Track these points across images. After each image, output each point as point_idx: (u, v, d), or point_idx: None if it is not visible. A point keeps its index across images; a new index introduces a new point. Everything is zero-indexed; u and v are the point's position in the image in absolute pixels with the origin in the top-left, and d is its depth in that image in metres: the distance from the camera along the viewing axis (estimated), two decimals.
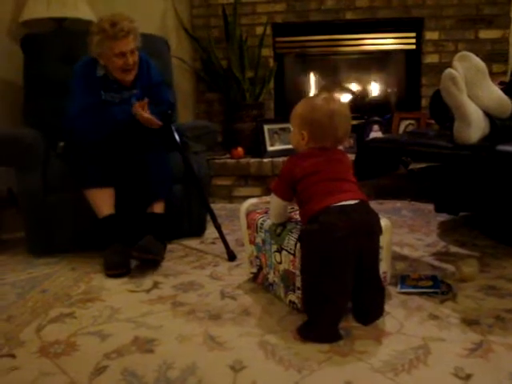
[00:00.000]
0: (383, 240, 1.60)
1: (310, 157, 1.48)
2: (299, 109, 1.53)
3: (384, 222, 1.61)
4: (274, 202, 1.58)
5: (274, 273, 1.64)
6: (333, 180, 1.45)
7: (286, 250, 1.54)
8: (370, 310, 1.47)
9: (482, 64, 1.85)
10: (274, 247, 1.61)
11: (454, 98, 1.76)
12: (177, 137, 2.26)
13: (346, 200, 1.40)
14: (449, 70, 1.76)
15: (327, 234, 1.36)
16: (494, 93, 1.84)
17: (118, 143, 2.16)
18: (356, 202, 1.42)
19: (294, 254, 1.50)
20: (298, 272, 1.49)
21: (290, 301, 1.56)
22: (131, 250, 1.97)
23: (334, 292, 1.37)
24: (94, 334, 1.46)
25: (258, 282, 1.78)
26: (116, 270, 1.94)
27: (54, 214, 2.17)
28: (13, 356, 1.35)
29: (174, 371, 1.25)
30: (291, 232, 1.54)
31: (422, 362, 1.25)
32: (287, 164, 1.53)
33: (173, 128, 2.26)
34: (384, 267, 1.65)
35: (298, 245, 1.48)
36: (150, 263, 1.99)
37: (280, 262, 1.59)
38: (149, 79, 2.30)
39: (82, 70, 2.23)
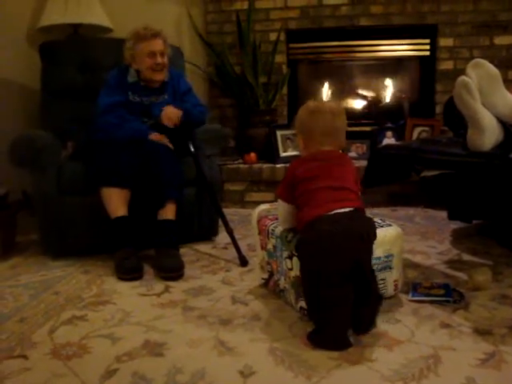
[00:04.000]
0: (394, 248, 1.60)
1: (310, 160, 1.51)
2: (296, 117, 1.60)
3: (395, 231, 1.61)
4: (281, 206, 1.59)
5: (285, 279, 1.64)
6: (330, 188, 1.44)
7: (297, 256, 1.53)
8: (365, 318, 1.45)
9: (495, 71, 1.84)
10: (285, 253, 1.61)
11: (468, 105, 1.75)
12: (191, 147, 2.32)
13: (339, 208, 1.40)
14: (462, 78, 1.76)
15: (323, 241, 1.36)
16: (508, 100, 1.82)
17: (136, 145, 2.21)
18: (349, 209, 1.41)
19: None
20: None
21: (301, 307, 1.56)
22: (158, 272, 2.00)
23: (334, 300, 1.36)
24: (106, 337, 1.47)
25: (269, 287, 1.78)
26: (129, 274, 1.96)
27: (68, 215, 2.20)
28: (25, 357, 1.37)
29: (184, 375, 1.25)
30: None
31: (432, 372, 1.24)
32: (289, 168, 1.57)
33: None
34: (395, 275, 1.65)
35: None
36: (178, 278, 1.97)
37: (291, 269, 1.58)
38: (178, 88, 2.47)
39: (112, 76, 2.39)
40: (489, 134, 1.75)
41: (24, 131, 2.38)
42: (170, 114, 2.29)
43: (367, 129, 3.51)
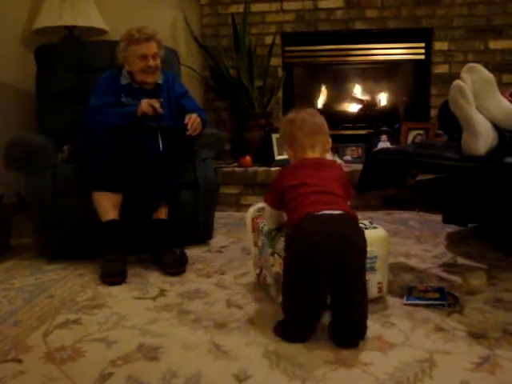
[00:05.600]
0: (378, 250, 1.62)
1: (298, 168, 1.55)
2: (279, 132, 1.67)
3: (380, 233, 1.64)
4: (267, 211, 1.66)
5: (270, 275, 1.70)
6: (317, 193, 1.47)
7: (277, 254, 1.60)
8: (347, 330, 1.40)
9: (490, 76, 1.84)
10: (269, 251, 1.67)
11: (462, 109, 1.76)
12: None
13: (325, 210, 1.42)
14: (457, 82, 1.76)
15: (304, 240, 1.38)
16: (502, 105, 1.83)
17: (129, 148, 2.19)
18: (338, 212, 1.42)
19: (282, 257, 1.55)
20: None
21: (281, 302, 1.58)
22: (162, 269, 2.04)
23: (305, 296, 1.39)
24: (100, 341, 1.46)
25: (260, 282, 1.84)
26: (111, 277, 1.95)
27: (62, 217, 2.19)
28: (19, 361, 1.36)
29: (179, 379, 1.25)
30: (282, 236, 1.60)
31: (427, 376, 1.24)
32: (277, 176, 1.61)
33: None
34: (379, 277, 1.67)
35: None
36: (182, 272, 2.01)
37: (273, 265, 1.65)
38: (173, 90, 2.46)
39: (105, 78, 2.37)
40: (483, 139, 1.76)
41: (19, 134, 2.37)
42: (197, 124, 2.29)
43: (362, 132, 3.52)
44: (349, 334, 1.40)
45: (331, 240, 1.36)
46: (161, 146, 2.18)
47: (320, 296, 1.42)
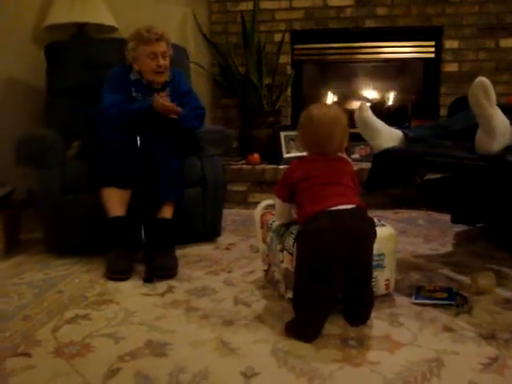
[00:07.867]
0: (386, 248, 1.62)
1: (309, 162, 1.56)
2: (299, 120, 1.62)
3: (388, 231, 1.66)
4: (276, 203, 1.67)
5: (278, 271, 1.72)
6: (328, 184, 1.49)
7: (287, 250, 1.62)
8: (358, 314, 1.52)
9: None
10: (278, 247, 1.68)
11: (484, 108, 1.70)
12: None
13: (341, 204, 1.44)
14: (480, 79, 1.70)
15: (320, 236, 1.40)
16: None
17: (138, 144, 2.20)
18: (351, 206, 1.45)
19: (292, 254, 1.57)
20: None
21: (289, 298, 1.63)
22: (155, 271, 1.96)
23: (321, 293, 1.41)
24: (108, 336, 1.47)
25: (268, 278, 1.85)
26: (117, 275, 1.95)
27: (71, 213, 2.20)
28: (29, 355, 1.37)
29: (187, 376, 1.25)
30: (292, 233, 1.61)
31: (435, 376, 1.24)
32: (287, 168, 1.62)
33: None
34: (387, 274, 1.68)
35: (295, 244, 1.54)
36: (170, 276, 1.98)
37: (282, 261, 1.66)
38: (178, 88, 2.46)
39: (115, 73, 2.39)
40: (499, 139, 1.73)
41: (30, 129, 2.39)
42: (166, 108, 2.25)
43: None
44: (360, 312, 1.51)
45: (347, 235, 1.40)
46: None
47: (334, 291, 1.45)
